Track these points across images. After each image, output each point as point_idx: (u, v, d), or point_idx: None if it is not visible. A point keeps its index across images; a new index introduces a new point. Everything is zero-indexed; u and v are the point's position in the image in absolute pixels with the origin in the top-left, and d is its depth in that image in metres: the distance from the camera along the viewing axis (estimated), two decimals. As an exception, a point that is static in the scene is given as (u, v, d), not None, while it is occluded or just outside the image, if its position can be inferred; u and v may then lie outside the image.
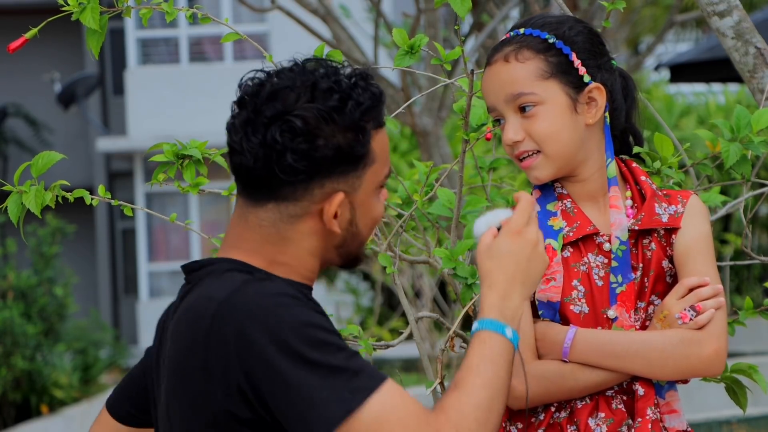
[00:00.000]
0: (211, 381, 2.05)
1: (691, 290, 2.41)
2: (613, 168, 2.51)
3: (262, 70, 2.17)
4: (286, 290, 2.07)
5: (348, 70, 2.19)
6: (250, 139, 2.10)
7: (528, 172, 2.50)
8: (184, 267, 2.21)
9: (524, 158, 2.49)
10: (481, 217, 2.27)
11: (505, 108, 2.48)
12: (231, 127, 2.14)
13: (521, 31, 2.50)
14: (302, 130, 2.08)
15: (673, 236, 2.48)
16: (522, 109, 2.46)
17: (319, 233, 2.17)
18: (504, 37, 2.54)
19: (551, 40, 2.48)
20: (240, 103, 2.14)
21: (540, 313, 2.46)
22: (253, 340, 2.01)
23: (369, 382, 2.01)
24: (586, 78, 2.48)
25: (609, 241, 2.47)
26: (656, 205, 2.49)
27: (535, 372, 2.40)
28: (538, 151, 2.47)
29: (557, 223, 2.49)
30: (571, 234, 2.48)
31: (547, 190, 2.54)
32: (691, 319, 2.39)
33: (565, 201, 2.51)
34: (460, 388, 2.06)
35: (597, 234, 2.48)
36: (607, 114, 2.51)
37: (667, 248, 2.49)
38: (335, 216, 2.14)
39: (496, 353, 2.09)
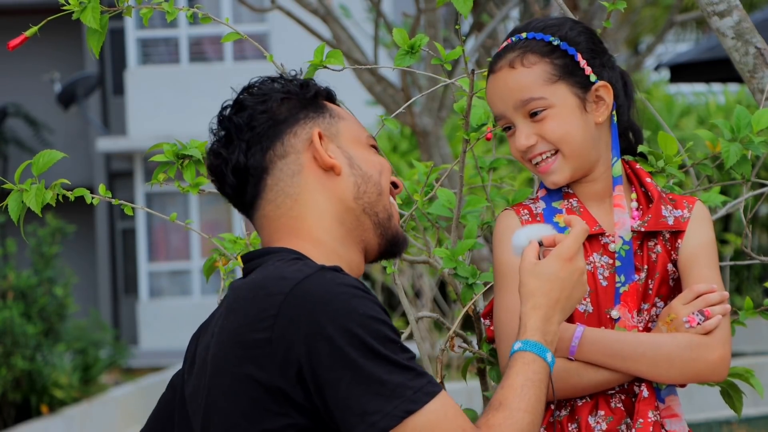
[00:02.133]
0: (271, 357, 2.05)
1: (699, 296, 2.42)
2: (618, 167, 2.52)
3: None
4: (357, 284, 2.11)
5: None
6: (225, 145, 2.23)
7: (546, 177, 2.50)
8: (243, 256, 2.26)
9: (540, 162, 2.49)
10: (521, 229, 2.29)
11: (515, 114, 2.48)
12: (211, 153, 2.26)
13: (523, 35, 2.50)
14: (251, 101, 2.23)
15: (679, 241, 2.49)
16: (532, 114, 2.47)
17: (326, 185, 2.21)
18: (505, 43, 2.54)
19: (555, 42, 2.48)
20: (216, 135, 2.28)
21: None
22: (325, 326, 2.02)
23: (430, 386, 2.04)
24: (593, 77, 2.49)
25: (614, 241, 2.47)
26: (663, 207, 2.50)
27: None
28: (555, 153, 2.48)
29: (562, 221, 2.49)
30: None
31: (554, 189, 2.54)
32: (699, 323, 2.39)
33: (571, 200, 2.52)
34: (505, 409, 2.09)
35: (603, 234, 2.48)
36: (614, 112, 2.52)
37: (672, 252, 2.49)
38: (329, 157, 2.21)
39: (538, 377, 2.13)
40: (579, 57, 2.48)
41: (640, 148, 2.66)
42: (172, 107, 20.45)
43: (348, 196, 2.22)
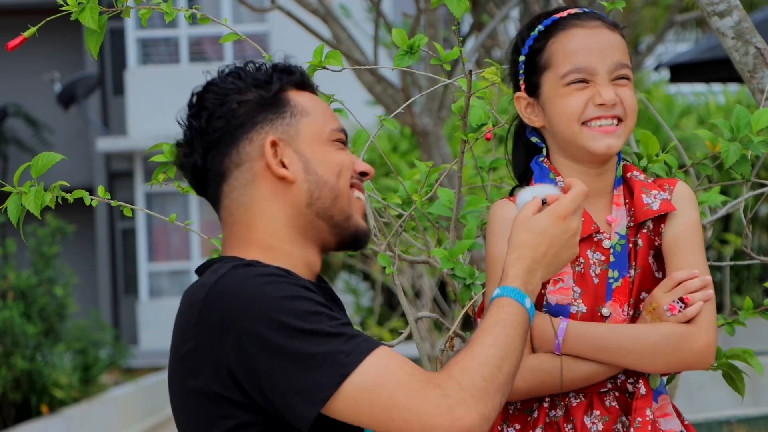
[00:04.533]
0: (201, 364, 2.06)
1: (679, 283, 2.41)
2: (620, 168, 2.54)
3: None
4: (274, 271, 2.08)
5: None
6: (187, 143, 2.23)
7: (604, 139, 2.47)
8: (196, 270, 2.25)
9: (605, 125, 2.47)
10: (527, 188, 2.26)
11: (603, 72, 2.47)
12: (177, 147, 2.28)
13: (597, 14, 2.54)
14: (211, 101, 2.20)
15: (662, 225, 2.49)
16: (617, 78, 2.47)
17: (278, 193, 2.19)
18: (575, 9, 2.54)
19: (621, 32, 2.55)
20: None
21: (544, 311, 2.47)
22: (242, 320, 2.02)
23: (363, 344, 2.02)
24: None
25: (609, 237, 2.47)
26: (644, 195, 2.50)
27: (532, 365, 2.41)
28: (618, 122, 2.48)
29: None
30: None
31: (549, 183, 2.53)
32: (679, 311, 2.39)
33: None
34: (468, 348, 2.06)
35: (597, 232, 2.48)
36: None
37: (656, 239, 2.49)
38: (284, 166, 2.18)
39: (512, 318, 2.08)
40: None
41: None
42: (172, 107, 20.34)
43: (301, 203, 2.19)
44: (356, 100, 6.02)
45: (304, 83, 2.29)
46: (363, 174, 2.28)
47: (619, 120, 2.47)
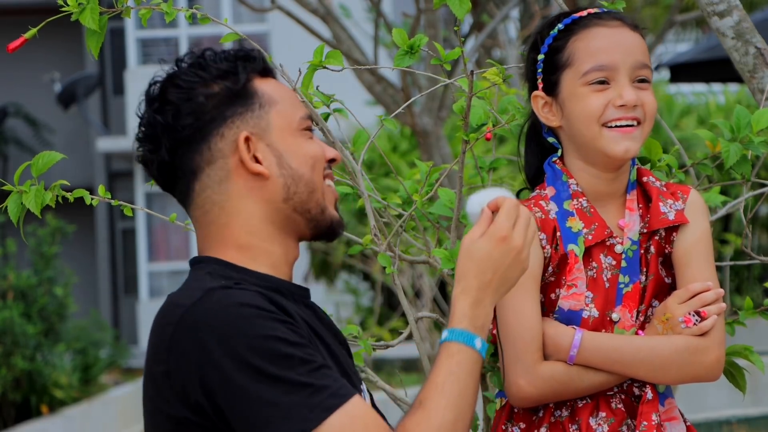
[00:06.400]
0: (172, 389, 2.02)
1: (694, 295, 2.41)
2: (634, 172, 2.52)
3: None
4: (251, 300, 2.03)
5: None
6: (150, 140, 2.17)
7: (623, 141, 2.44)
8: (190, 261, 2.21)
9: (625, 126, 2.44)
10: (475, 195, 2.15)
11: (626, 73, 2.44)
12: (137, 142, 2.21)
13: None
14: (176, 95, 2.14)
15: (674, 234, 2.48)
16: (638, 81, 2.44)
17: (254, 190, 2.14)
18: (596, 9, 2.52)
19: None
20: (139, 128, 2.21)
21: (555, 316, 2.46)
22: (211, 353, 1.98)
23: (330, 399, 1.96)
24: None
25: (621, 243, 2.46)
26: (661, 204, 2.48)
27: (545, 374, 2.41)
28: (638, 125, 2.45)
29: (575, 224, 2.46)
30: (590, 237, 2.46)
31: (561, 186, 2.50)
32: (695, 324, 2.38)
33: (580, 199, 2.49)
34: (424, 408, 2.00)
35: (610, 236, 2.47)
36: None
37: (666, 246, 2.48)
38: (257, 161, 2.13)
39: (463, 369, 2.03)
40: None
41: None
42: (172, 107, 20.41)
43: (277, 198, 2.15)
44: (356, 100, 6.02)
45: (266, 69, 2.22)
46: (331, 161, 2.23)
47: (638, 123, 2.44)
